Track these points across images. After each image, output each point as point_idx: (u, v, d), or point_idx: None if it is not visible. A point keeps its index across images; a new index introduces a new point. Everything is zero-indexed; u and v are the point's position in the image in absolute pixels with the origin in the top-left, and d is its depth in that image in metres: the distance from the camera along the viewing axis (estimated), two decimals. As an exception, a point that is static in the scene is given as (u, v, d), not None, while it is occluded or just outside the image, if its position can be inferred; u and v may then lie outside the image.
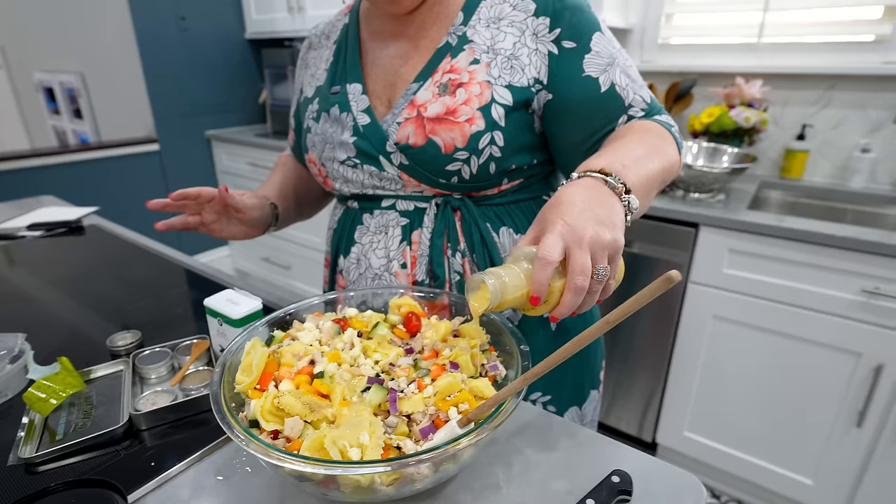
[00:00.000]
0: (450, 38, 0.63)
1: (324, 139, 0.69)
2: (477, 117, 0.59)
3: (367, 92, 0.67)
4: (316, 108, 0.71)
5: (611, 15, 1.64)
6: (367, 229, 0.70)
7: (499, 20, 0.62)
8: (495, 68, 0.60)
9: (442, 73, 0.62)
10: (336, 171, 0.69)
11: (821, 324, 1.22)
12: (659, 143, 0.59)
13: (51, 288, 0.88)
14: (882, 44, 1.44)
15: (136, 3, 2.27)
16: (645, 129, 0.61)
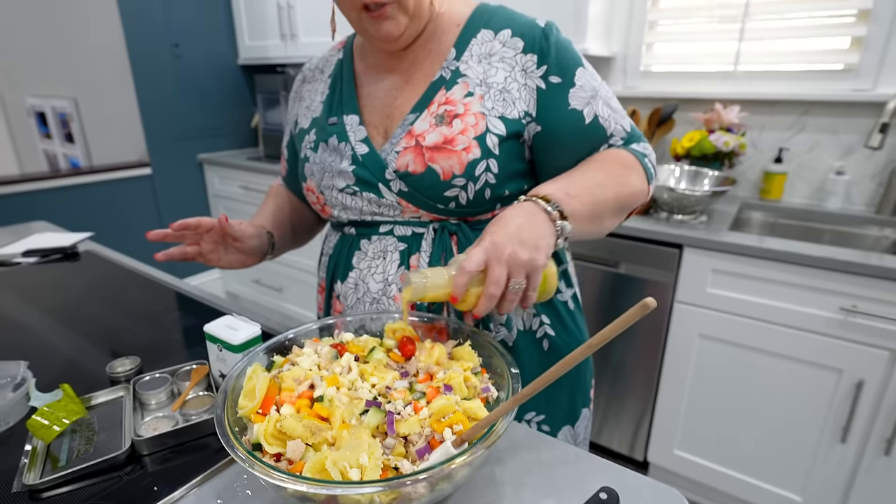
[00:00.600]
0: (443, 72, 0.67)
1: (322, 168, 0.71)
2: (473, 146, 0.63)
3: (364, 122, 0.70)
4: (313, 139, 0.74)
5: (594, 44, 1.70)
6: (365, 255, 0.72)
7: (490, 56, 0.66)
8: (489, 100, 0.64)
9: (438, 105, 0.65)
10: (335, 198, 0.71)
11: (802, 341, 1.26)
12: (621, 173, 0.64)
13: (48, 315, 0.89)
14: (850, 72, 1.51)
15: (131, 31, 2.31)
16: (614, 158, 0.66)
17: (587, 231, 0.62)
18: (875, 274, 1.14)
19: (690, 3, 1.73)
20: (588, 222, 0.61)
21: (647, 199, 0.69)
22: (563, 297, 0.75)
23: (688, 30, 1.75)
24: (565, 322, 0.74)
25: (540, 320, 0.72)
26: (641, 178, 0.66)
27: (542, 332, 0.72)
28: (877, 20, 1.44)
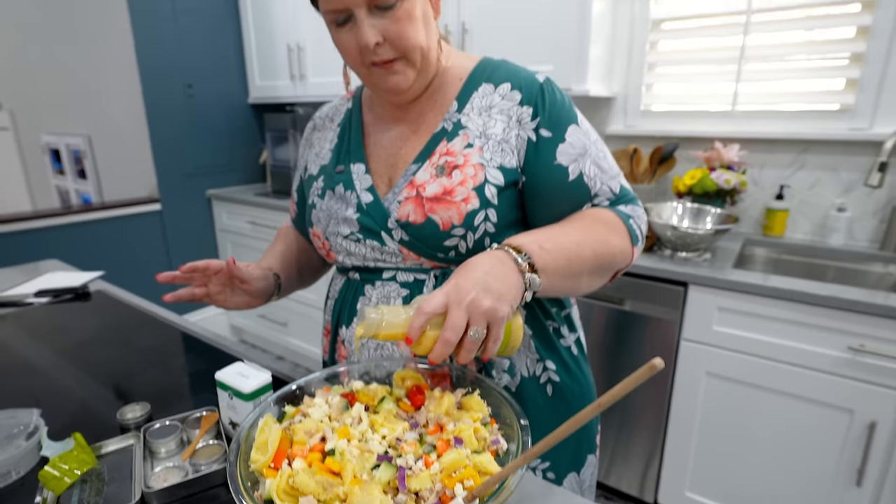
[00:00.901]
0: (445, 124, 0.69)
1: (328, 215, 0.73)
2: (472, 197, 0.64)
3: (370, 171, 0.72)
4: (321, 186, 0.76)
5: (595, 85, 1.75)
6: (369, 300, 0.73)
7: (489, 108, 0.68)
8: (487, 151, 0.66)
9: (439, 156, 0.67)
10: (339, 244, 0.73)
11: (811, 381, 1.25)
12: (602, 232, 0.64)
13: (60, 357, 0.90)
14: (847, 112, 1.55)
15: (147, 72, 2.39)
16: (596, 216, 0.66)
17: (560, 288, 0.61)
18: (882, 313, 1.14)
19: (688, 46, 1.78)
20: (561, 279, 0.60)
21: (630, 262, 0.68)
22: (566, 341, 0.75)
23: (686, 71, 1.80)
24: (569, 367, 0.74)
25: (544, 366, 0.72)
26: (624, 240, 0.66)
27: (545, 378, 0.72)
28: (869, 63, 1.48)
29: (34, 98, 3.27)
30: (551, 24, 1.68)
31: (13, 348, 0.93)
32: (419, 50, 0.64)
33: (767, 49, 1.63)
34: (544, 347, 0.72)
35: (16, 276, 1.34)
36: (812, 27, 1.55)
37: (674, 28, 1.79)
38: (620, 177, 0.70)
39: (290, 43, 2.46)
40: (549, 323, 0.73)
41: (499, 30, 1.80)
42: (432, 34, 0.66)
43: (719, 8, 1.67)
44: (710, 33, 1.72)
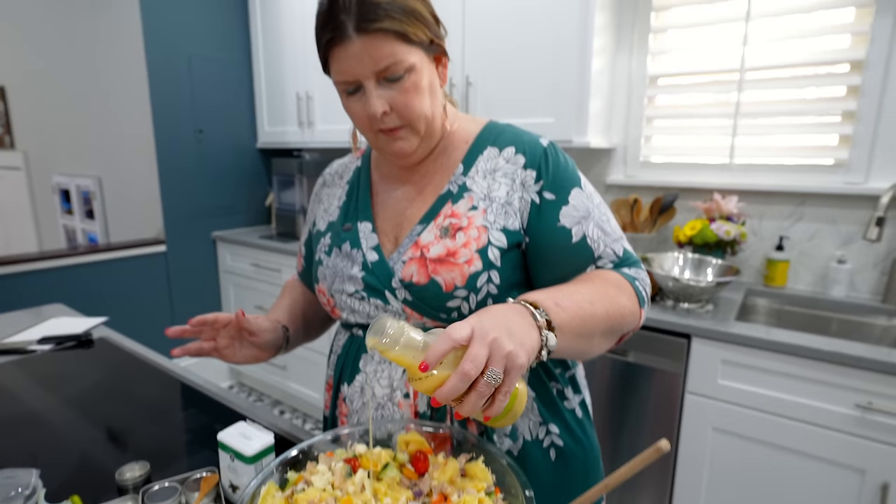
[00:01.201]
0: (451, 186, 0.71)
1: (334, 272, 0.74)
2: (475, 258, 0.65)
3: (377, 230, 0.74)
4: (328, 243, 0.77)
5: (595, 137, 1.80)
6: (372, 358, 0.73)
7: (494, 172, 0.70)
8: (491, 214, 0.67)
9: (444, 217, 0.69)
10: (344, 302, 0.73)
11: (820, 439, 1.22)
12: (612, 292, 0.63)
13: (61, 409, 0.89)
14: (842, 167, 1.58)
15: (160, 119, 2.47)
16: (604, 277, 0.66)
17: (573, 348, 0.59)
18: (888, 370, 1.13)
19: (684, 101, 1.84)
20: (575, 338, 0.58)
21: (638, 325, 0.68)
22: (570, 404, 0.74)
23: (683, 125, 1.85)
24: (573, 431, 0.73)
25: (547, 429, 0.71)
26: (633, 301, 0.66)
27: (549, 442, 0.71)
28: (861, 121, 1.53)
29: (48, 139, 3.37)
30: (552, 80, 1.75)
31: (14, 399, 0.93)
32: (424, 119, 0.66)
33: (761, 105, 1.69)
34: (548, 410, 0.71)
35: (20, 320, 1.35)
36: (804, 85, 1.61)
37: (670, 84, 1.85)
38: (623, 240, 0.71)
39: (299, 91, 2.55)
40: (552, 384, 0.73)
41: (502, 84, 1.87)
42: (437, 102, 0.69)
43: (713, 66, 1.74)
44: (705, 89, 1.78)
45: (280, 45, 2.62)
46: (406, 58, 0.62)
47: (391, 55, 0.61)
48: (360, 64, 0.61)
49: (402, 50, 0.61)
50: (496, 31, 1.83)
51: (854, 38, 1.52)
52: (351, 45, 0.61)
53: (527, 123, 1.81)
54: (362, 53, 0.61)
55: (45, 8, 3.02)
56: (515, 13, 1.78)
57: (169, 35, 2.45)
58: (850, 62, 1.53)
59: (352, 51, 0.61)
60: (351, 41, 0.60)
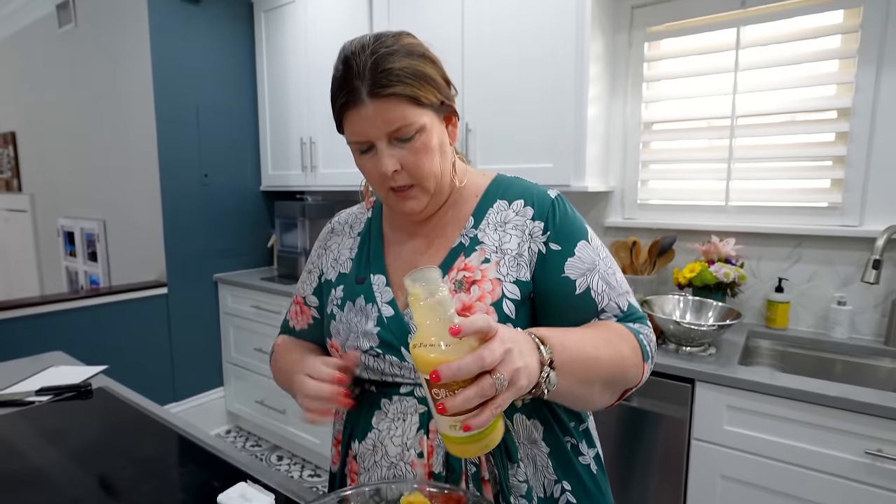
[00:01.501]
0: (463, 239, 0.72)
1: (348, 328, 0.73)
2: (491, 312, 0.65)
3: (390, 283, 0.74)
4: (340, 296, 0.76)
5: (593, 181, 1.84)
6: (385, 415, 0.71)
7: (504, 224, 0.71)
8: (504, 266, 0.68)
9: (457, 271, 0.69)
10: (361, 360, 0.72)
11: (831, 487, 1.20)
12: (616, 342, 0.63)
13: (59, 464, 0.88)
14: (836, 209, 1.61)
15: (166, 164, 2.52)
16: (609, 326, 0.66)
17: (572, 392, 0.58)
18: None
19: (678, 146, 1.89)
20: (576, 383, 0.57)
21: (640, 381, 0.68)
22: (585, 459, 0.73)
23: (678, 168, 1.89)
24: (588, 487, 0.71)
25: (561, 487, 0.70)
26: (636, 354, 0.65)
27: (564, 501, 0.70)
28: (852, 165, 1.56)
29: (55, 183, 3.42)
30: (550, 126, 1.80)
31: (13, 453, 0.91)
32: (433, 178, 0.69)
33: (754, 150, 1.73)
34: (562, 467, 0.70)
35: (19, 369, 1.34)
36: (794, 132, 1.65)
37: (664, 129, 1.90)
38: (629, 295, 0.71)
39: (303, 137, 2.61)
40: (567, 439, 0.71)
41: (501, 131, 1.92)
42: (447, 160, 0.71)
43: (705, 113, 1.79)
44: (698, 135, 1.83)
45: (285, 93, 2.70)
46: (416, 119, 0.64)
47: (402, 118, 0.63)
48: (373, 126, 0.64)
49: (412, 112, 0.64)
50: (495, 80, 1.90)
51: (839, 88, 1.58)
52: (364, 108, 0.63)
53: (525, 168, 1.85)
54: (375, 116, 0.63)
55: (56, 56, 3.13)
56: (513, 63, 1.85)
57: (178, 84, 2.54)
58: (837, 109, 1.58)
59: (365, 114, 0.63)
60: (364, 105, 0.63)
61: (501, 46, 1.86)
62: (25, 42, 3.45)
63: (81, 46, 2.92)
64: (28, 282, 3.87)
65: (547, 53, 1.76)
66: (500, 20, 1.85)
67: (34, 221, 3.75)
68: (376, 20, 2.21)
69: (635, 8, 1.89)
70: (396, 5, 2.14)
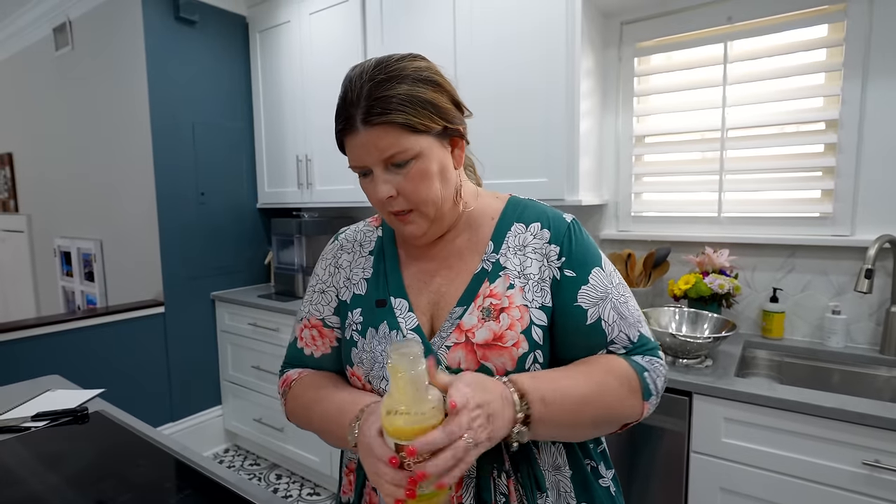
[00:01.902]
0: (485, 265, 0.71)
1: (372, 358, 0.70)
2: (521, 340, 0.65)
3: (413, 308, 0.71)
4: (360, 321, 0.73)
5: (587, 194, 1.85)
6: None
7: (524, 247, 0.71)
8: (529, 292, 0.68)
9: (483, 298, 0.68)
10: (384, 390, 0.69)
11: (828, 498, 1.19)
12: (612, 387, 0.63)
13: (56, 491, 0.87)
14: (828, 219, 1.62)
15: (162, 184, 2.53)
16: (609, 367, 0.65)
17: (554, 436, 0.62)
18: (893, 427, 1.12)
19: (670, 158, 1.91)
20: (560, 427, 0.61)
21: (640, 418, 0.68)
22: (605, 481, 0.72)
23: (671, 181, 1.91)
24: None
25: None
26: (635, 397, 0.65)
27: None
28: (841, 176, 1.58)
29: (51, 203, 3.43)
30: (543, 140, 1.81)
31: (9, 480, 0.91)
32: (432, 203, 0.67)
33: (745, 161, 1.75)
34: (583, 491, 0.69)
35: (16, 394, 1.33)
36: (784, 144, 1.68)
37: (656, 142, 1.92)
38: (641, 325, 0.70)
39: (298, 154, 2.63)
40: (587, 462, 0.71)
41: (495, 146, 1.94)
42: (449, 186, 0.69)
43: (696, 125, 1.82)
44: (690, 147, 1.85)
45: (280, 111, 2.72)
46: (411, 146, 0.63)
47: (395, 144, 0.63)
48: (367, 152, 0.64)
49: (406, 140, 0.63)
50: (486, 95, 1.92)
51: (826, 100, 1.60)
52: (358, 135, 0.64)
53: (520, 183, 1.86)
54: (368, 144, 0.64)
55: (53, 79, 3.16)
56: (506, 82, 1.87)
57: (174, 104, 2.56)
58: (825, 121, 1.60)
59: (359, 140, 0.64)
60: (358, 132, 0.63)
61: (495, 64, 1.89)
62: (23, 64, 3.48)
63: (78, 69, 2.95)
64: (25, 302, 3.86)
65: (538, 70, 1.79)
66: (493, 40, 1.88)
67: (31, 242, 3.75)
68: (370, 38, 2.24)
69: (624, 24, 1.92)
70: (389, 24, 2.18)
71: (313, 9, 2.45)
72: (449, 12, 1.98)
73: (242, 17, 2.81)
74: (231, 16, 2.76)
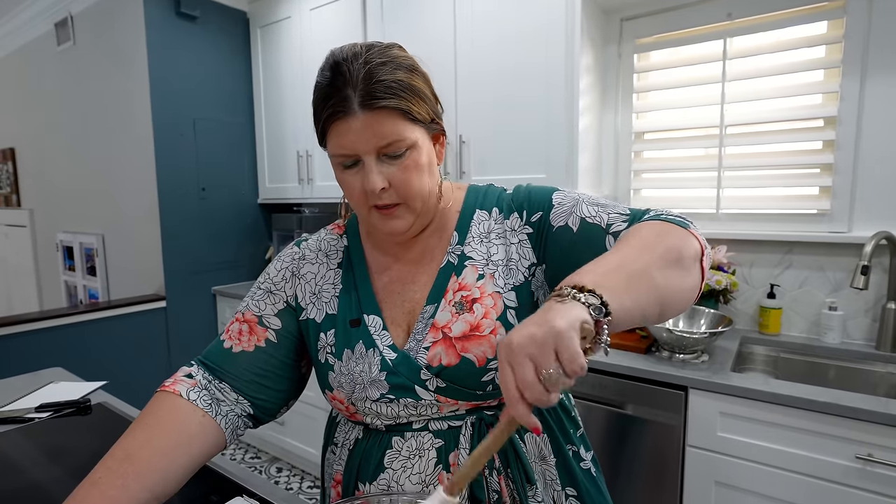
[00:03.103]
0: (450, 258, 0.70)
1: (352, 380, 0.68)
2: (498, 326, 0.65)
3: (386, 323, 0.69)
4: (333, 342, 0.70)
5: (586, 190, 1.86)
6: (399, 453, 0.68)
7: (488, 234, 0.70)
8: (499, 278, 0.67)
9: (453, 292, 0.67)
10: (368, 409, 0.68)
11: (823, 492, 1.21)
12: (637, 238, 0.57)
13: (59, 480, 0.89)
14: (825, 216, 1.63)
15: (164, 179, 2.55)
16: (625, 234, 0.60)
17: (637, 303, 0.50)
18: (887, 422, 1.13)
19: (669, 155, 1.92)
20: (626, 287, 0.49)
21: (701, 242, 0.60)
22: (585, 464, 0.73)
23: (670, 177, 1.92)
24: (590, 491, 0.72)
25: (565, 494, 0.70)
26: (675, 230, 0.59)
27: None
28: (839, 173, 1.59)
29: (53, 198, 3.45)
30: (543, 137, 1.82)
31: (14, 469, 0.93)
32: (420, 197, 0.65)
33: (744, 158, 1.76)
34: (567, 476, 0.71)
35: (20, 386, 1.35)
36: (782, 140, 1.68)
37: (655, 138, 1.93)
38: (622, 205, 0.67)
39: (299, 150, 2.64)
40: (569, 448, 0.72)
41: (494, 142, 1.94)
42: (434, 180, 0.68)
43: (695, 122, 1.82)
44: (689, 144, 1.85)
45: (281, 107, 2.73)
46: (408, 135, 0.61)
47: (394, 132, 0.60)
48: (362, 140, 0.60)
49: (404, 128, 0.61)
50: (486, 91, 1.93)
51: (825, 97, 1.61)
52: (354, 120, 0.59)
53: (519, 179, 1.87)
54: (365, 129, 0.59)
55: (55, 74, 3.17)
56: (506, 78, 1.88)
57: (175, 99, 2.57)
58: (824, 118, 1.60)
59: (354, 126, 0.59)
60: (354, 116, 0.59)
61: (495, 60, 1.89)
62: (24, 60, 3.49)
63: (80, 64, 2.96)
64: (27, 296, 3.88)
65: (538, 67, 1.79)
66: (493, 36, 1.89)
67: (33, 236, 3.77)
68: (370, 35, 2.25)
69: (624, 20, 1.92)
70: (390, 19, 2.18)
71: (314, 4, 2.46)
72: (449, 9, 1.98)
73: (243, 13, 2.81)
74: (232, 11, 2.76)
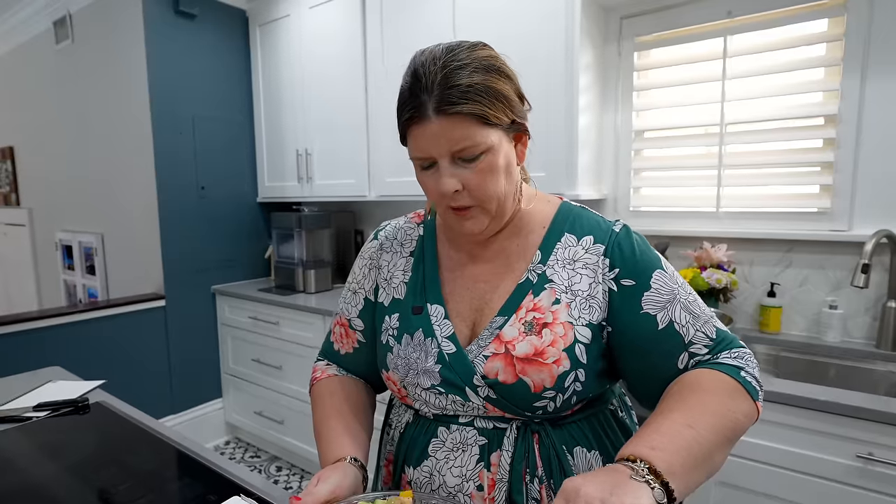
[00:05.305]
0: (530, 275, 0.68)
1: (407, 364, 0.69)
2: (563, 358, 0.63)
3: (450, 314, 0.70)
4: (396, 326, 0.72)
5: (586, 189, 1.86)
6: (443, 444, 0.69)
7: (574, 261, 0.68)
8: (575, 309, 0.65)
9: (526, 311, 0.66)
10: (419, 395, 0.70)
11: (824, 491, 1.20)
12: (713, 403, 0.57)
13: (57, 479, 0.88)
14: (825, 215, 1.63)
15: (163, 178, 2.54)
16: (698, 385, 0.60)
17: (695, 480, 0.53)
18: (887, 420, 1.13)
19: (670, 153, 1.91)
20: (691, 471, 0.52)
21: (757, 419, 0.62)
22: None
23: (670, 175, 1.91)
24: None
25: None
26: (745, 400, 0.60)
27: None
28: (839, 171, 1.58)
29: (53, 197, 3.44)
30: (543, 135, 1.82)
31: (12, 468, 0.92)
32: (496, 199, 0.65)
33: (744, 156, 1.75)
34: None
35: (18, 385, 1.35)
36: (783, 139, 1.68)
37: (655, 137, 1.92)
38: (714, 320, 0.67)
39: (298, 149, 2.64)
40: None
41: (493, 140, 1.94)
42: (512, 181, 0.67)
43: (695, 120, 1.81)
44: (689, 142, 1.85)
45: (280, 105, 2.73)
46: (483, 140, 0.61)
47: (468, 137, 0.60)
48: (436, 144, 0.61)
49: (479, 132, 0.61)
50: (486, 92, 1.92)
51: (826, 95, 1.60)
52: (429, 125, 0.60)
53: (518, 178, 1.86)
54: (439, 134, 0.60)
55: (53, 72, 3.16)
56: (504, 75, 1.87)
57: (174, 98, 2.56)
58: (824, 116, 1.60)
59: (429, 131, 0.61)
60: (429, 121, 0.60)
61: (493, 58, 1.89)
62: (23, 58, 3.48)
63: (78, 62, 2.95)
64: (27, 295, 3.88)
65: (538, 65, 1.79)
66: (493, 35, 1.88)
67: (32, 235, 3.77)
68: (369, 33, 2.24)
69: (624, 19, 1.92)
70: (389, 17, 2.17)
71: (313, 3, 2.45)
72: (449, 8, 1.98)
73: (242, 11, 2.80)
74: (231, 9, 2.75)
